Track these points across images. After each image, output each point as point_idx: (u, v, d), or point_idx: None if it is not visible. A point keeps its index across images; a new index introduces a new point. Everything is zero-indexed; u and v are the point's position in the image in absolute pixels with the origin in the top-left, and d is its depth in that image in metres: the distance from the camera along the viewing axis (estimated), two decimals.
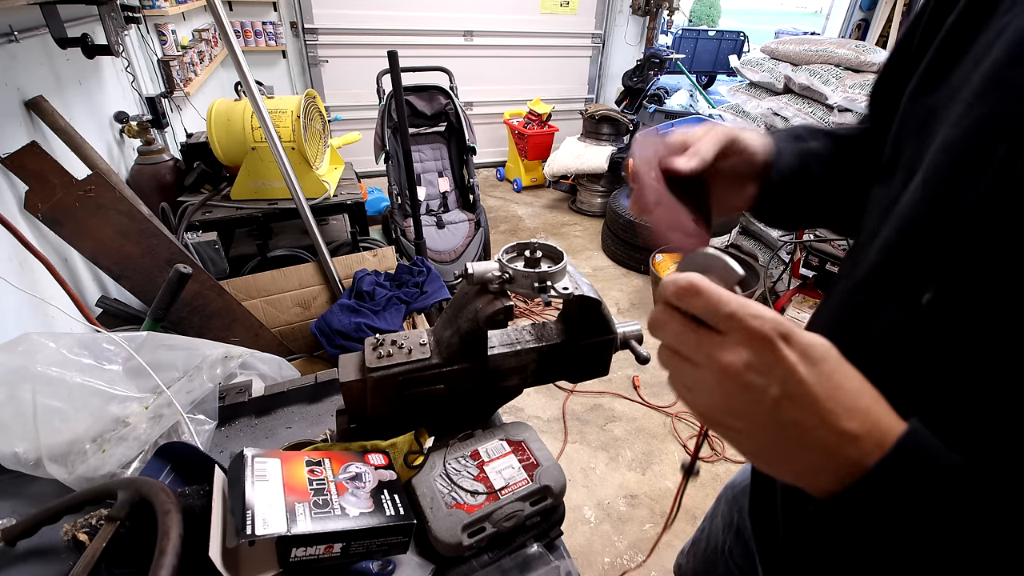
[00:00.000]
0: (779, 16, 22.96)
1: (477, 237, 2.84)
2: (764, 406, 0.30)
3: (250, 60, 2.89)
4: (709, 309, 0.32)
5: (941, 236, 0.37)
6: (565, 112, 4.92)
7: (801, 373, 0.30)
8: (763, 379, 0.30)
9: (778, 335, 0.30)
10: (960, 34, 0.41)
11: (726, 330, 0.31)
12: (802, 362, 0.30)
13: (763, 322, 0.30)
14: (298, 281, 1.64)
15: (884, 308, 0.42)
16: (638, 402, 2.25)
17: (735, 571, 0.77)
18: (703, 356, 0.32)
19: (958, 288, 0.35)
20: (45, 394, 0.68)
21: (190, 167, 1.88)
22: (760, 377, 0.30)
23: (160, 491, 0.53)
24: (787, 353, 0.30)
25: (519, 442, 0.72)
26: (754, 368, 0.30)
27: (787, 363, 0.30)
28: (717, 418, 0.33)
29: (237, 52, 1.40)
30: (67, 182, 1.13)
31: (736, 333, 0.31)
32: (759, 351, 0.30)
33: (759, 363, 0.30)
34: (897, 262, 0.41)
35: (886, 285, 0.42)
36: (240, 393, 0.88)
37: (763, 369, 0.30)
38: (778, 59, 3.34)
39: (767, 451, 0.32)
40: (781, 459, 0.32)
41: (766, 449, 0.32)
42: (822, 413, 0.30)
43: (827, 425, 0.30)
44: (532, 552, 0.64)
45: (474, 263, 0.62)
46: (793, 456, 0.31)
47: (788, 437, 0.31)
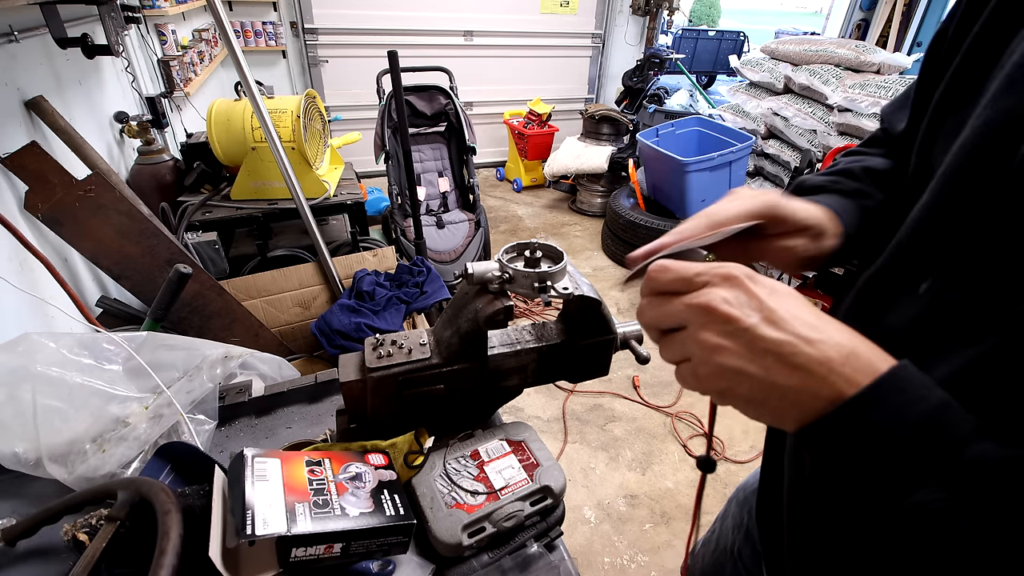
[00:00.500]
0: (779, 16, 22.96)
1: (477, 237, 2.84)
2: (748, 335, 0.32)
3: (250, 60, 2.90)
4: (680, 277, 0.35)
5: (946, 229, 0.38)
6: (565, 112, 4.92)
7: (772, 302, 0.33)
8: (739, 309, 0.33)
9: (744, 276, 0.34)
10: (986, 44, 0.41)
11: (698, 284, 0.35)
12: (769, 295, 0.33)
13: (728, 266, 0.35)
14: (298, 281, 1.64)
15: (890, 301, 0.42)
16: (638, 402, 2.25)
17: (743, 572, 0.77)
18: (684, 308, 0.35)
19: (956, 277, 0.36)
20: (45, 394, 0.68)
21: (190, 167, 1.88)
22: (736, 308, 0.33)
23: (160, 491, 0.53)
24: (755, 288, 0.34)
25: (519, 442, 0.72)
26: (729, 301, 0.33)
27: (758, 295, 0.33)
28: (715, 368, 0.34)
29: (237, 52, 1.40)
30: (67, 182, 1.13)
31: (707, 280, 0.35)
32: (731, 288, 0.34)
33: (733, 297, 0.33)
34: (903, 257, 0.42)
35: (892, 279, 0.43)
36: (240, 393, 0.88)
37: (738, 301, 0.33)
38: (778, 59, 3.34)
39: (759, 386, 0.33)
40: (771, 390, 0.33)
41: (758, 384, 0.33)
42: (799, 332, 0.32)
43: (807, 342, 0.31)
44: (532, 552, 0.64)
45: (474, 263, 0.62)
46: (783, 386, 0.32)
47: (774, 364, 0.32)
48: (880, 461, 0.30)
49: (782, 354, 0.32)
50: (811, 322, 0.32)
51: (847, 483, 0.33)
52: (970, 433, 0.29)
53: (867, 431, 0.30)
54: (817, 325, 0.32)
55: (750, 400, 0.34)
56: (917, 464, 0.29)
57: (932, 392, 0.30)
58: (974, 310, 0.35)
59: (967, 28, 0.42)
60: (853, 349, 0.32)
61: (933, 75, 0.48)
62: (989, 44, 0.40)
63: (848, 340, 0.32)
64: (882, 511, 0.31)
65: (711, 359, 0.34)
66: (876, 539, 0.36)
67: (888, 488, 0.30)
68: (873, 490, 0.31)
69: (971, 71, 0.41)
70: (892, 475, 0.30)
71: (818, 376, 0.31)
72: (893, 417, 0.30)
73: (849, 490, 0.33)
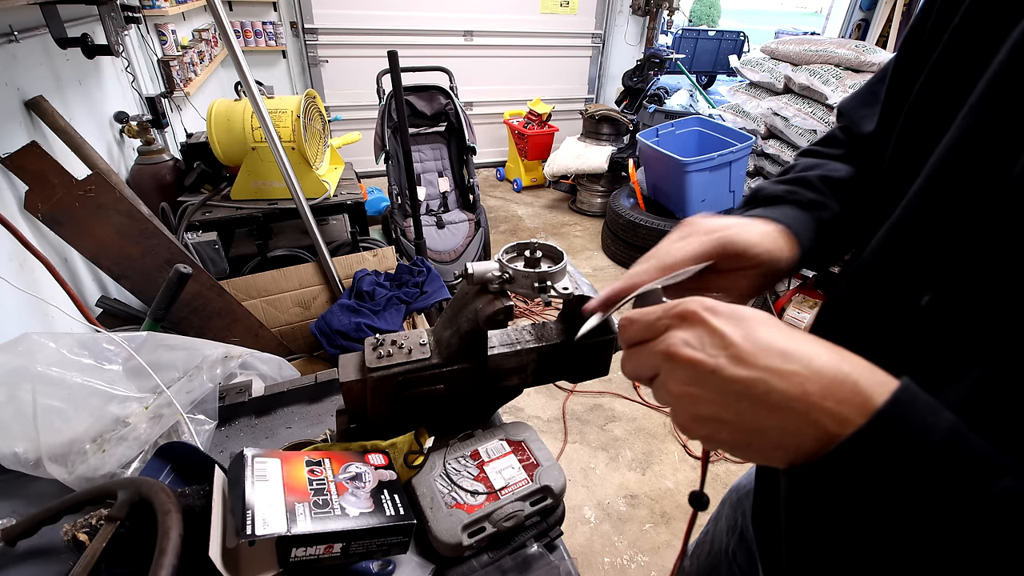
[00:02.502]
0: (779, 16, 22.96)
1: (477, 237, 2.84)
2: (715, 379, 0.30)
3: (250, 60, 2.90)
4: (645, 326, 0.34)
5: (941, 239, 0.37)
6: (565, 112, 4.92)
7: (736, 335, 0.30)
8: (702, 351, 0.31)
9: (702, 308, 0.32)
10: (966, 38, 0.39)
11: (660, 329, 0.33)
12: (731, 326, 0.31)
13: (687, 303, 0.33)
14: (298, 281, 1.64)
15: (883, 311, 0.41)
16: (638, 402, 2.25)
17: (737, 573, 0.77)
18: (651, 357, 0.34)
19: (958, 290, 0.35)
20: (45, 394, 0.68)
21: (190, 167, 1.88)
22: (698, 350, 0.31)
23: (160, 491, 0.53)
24: (714, 321, 0.31)
25: (519, 442, 0.72)
26: (690, 343, 0.31)
27: (720, 330, 0.31)
28: (690, 417, 0.32)
29: (237, 52, 1.40)
30: (67, 182, 1.13)
31: (667, 323, 0.33)
32: (689, 327, 0.32)
33: (694, 337, 0.31)
34: (895, 265, 0.41)
35: (884, 288, 0.42)
36: (240, 393, 0.88)
37: (698, 341, 0.31)
38: (778, 59, 3.34)
39: (739, 432, 0.30)
40: (752, 435, 0.30)
41: (737, 429, 0.30)
42: (770, 365, 0.29)
43: (780, 375, 0.28)
44: (532, 552, 0.64)
45: (474, 263, 0.62)
46: (763, 428, 0.29)
47: (748, 408, 0.29)
48: (884, 503, 0.27)
49: (755, 395, 0.29)
50: (783, 349, 0.29)
51: (847, 522, 0.30)
52: (989, 465, 0.26)
53: (866, 473, 0.27)
54: (790, 352, 0.29)
55: (734, 445, 0.31)
56: (929, 503, 0.26)
57: (939, 418, 0.27)
58: (980, 325, 0.33)
59: (946, 22, 0.41)
60: (834, 376, 0.28)
61: (909, 71, 0.46)
62: (970, 38, 0.39)
63: (828, 364, 0.28)
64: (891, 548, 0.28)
65: (684, 409, 0.32)
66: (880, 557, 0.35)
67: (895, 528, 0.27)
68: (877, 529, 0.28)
69: (952, 66, 0.40)
70: (898, 515, 0.27)
71: (798, 413, 0.28)
72: (896, 455, 0.26)
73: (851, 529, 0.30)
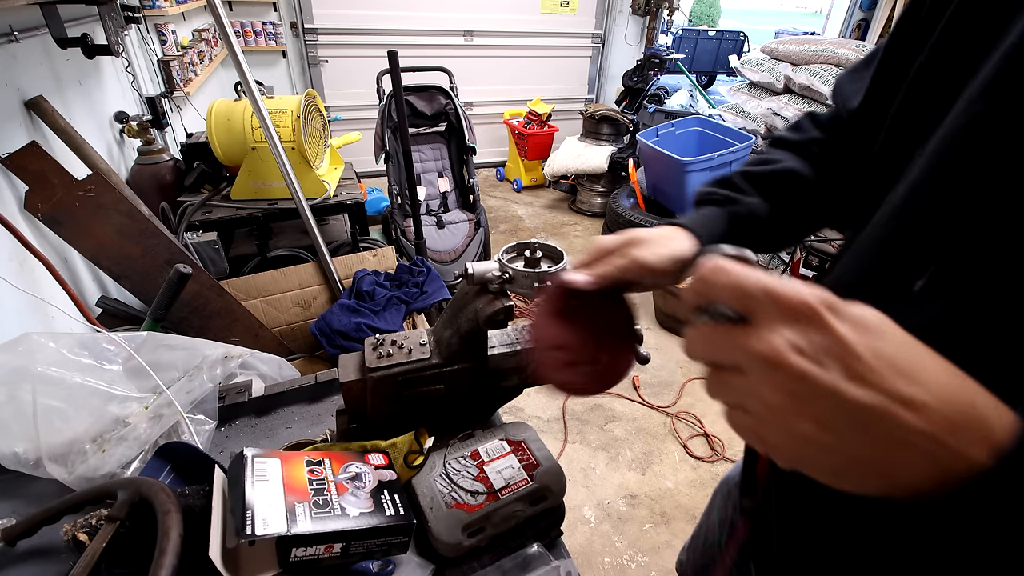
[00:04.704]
0: (779, 16, 22.95)
1: (477, 237, 2.84)
2: (830, 398, 0.25)
3: (250, 60, 2.89)
4: (740, 288, 0.27)
5: (939, 224, 0.35)
6: (565, 112, 4.92)
7: (858, 345, 0.25)
8: (816, 362, 0.25)
9: (823, 305, 0.25)
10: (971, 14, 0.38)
11: (762, 311, 0.26)
12: (858, 334, 0.25)
13: (803, 294, 0.26)
14: (298, 281, 1.64)
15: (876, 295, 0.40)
16: (638, 402, 2.25)
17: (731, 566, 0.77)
18: (741, 352, 0.27)
19: (951, 274, 0.34)
20: (45, 394, 0.68)
21: (190, 167, 1.88)
22: (812, 361, 0.25)
23: (160, 491, 0.53)
24: (837, 325, 0.25)
25: (519, 442, 0.72)
26: (802, 350, 0.25)
27: (840, 336, 0.25)
28: (786, 435, 0.27)
29: (237, 52, 1.40)
30: (67, 182, 1.13)
31: (774, 311, 0.26)
32: (804, 328, 0.25)
33: (807, 342, 0.25)
34: (892, 252, 0.40)
35: (881, 273, 0.41)
36: (240, 393, 0.88)
37: (813, 348, 0.25)
38: (778, 59, 3.34)
39: (843, 459, 0.26)
40: (859, 464, 0.26)
41: (842, 456, 0.26)
42: (895, 389, 0.24)
43: (906, 405, 0.24)
44: (532, 552, 0.64)
45: (474, 263, 0.62)
46: (874, 459, 0.25)
47: (870, 433, 0.25)
48: (1003, 539, 0.25)
49: (875, 424, 0.24)
50: (910, 369, 0.25)
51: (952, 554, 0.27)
52: None
53: (986, 511, 0.25)
54: (916, 375, 0.25)
55: (833, 471, 0.27)
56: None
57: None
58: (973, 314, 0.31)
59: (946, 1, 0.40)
60: (962, 410, 0.24)
61: (907, 46, 0.45)
62: (973, 18, 0.38)
63: (956, 394, 0.25)
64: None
65: (779, 424, 0.26)
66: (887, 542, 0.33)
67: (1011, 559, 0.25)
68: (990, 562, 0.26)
69: (956, 43, 0.38)
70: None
71: (920, 449, 0.24)
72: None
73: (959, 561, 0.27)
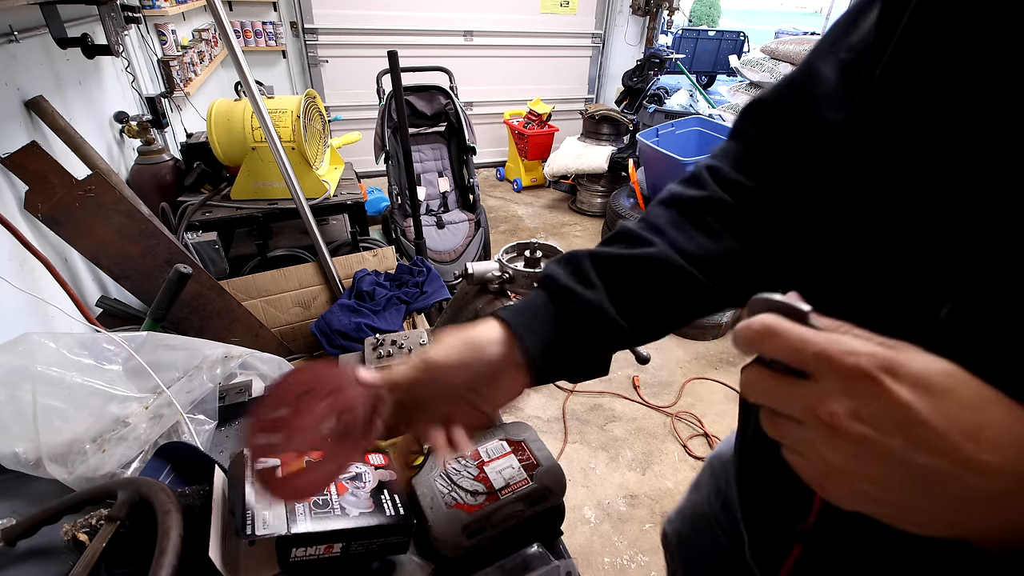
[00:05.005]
0: (779, 16, 22.93)
1: (477, 237, 2.84)
2: (893, 464, 0.25)
3: (250, 60, 2.90)
4: (793, 351, 0.26)
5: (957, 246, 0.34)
6: (565, 112, 4.91)
7: (923, 413, 0.24)
8: (877, 429, 0.25)
9: (880, 369, 0.24)
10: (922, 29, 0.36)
11: (818, 374, 0.26)
12: (920, 397, 0.24)
13: (859, 357, 0.25)
14: (298, 281, 1.64)
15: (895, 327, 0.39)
16: (638, 402, 2.25)
17: (721, 536, 0.81)
18: (801, 410, 0.27)
19: (977, 299, 0.32)
20: (45, 394, 0.68)
21: (190, 167, 1.88)
22: (872, 427, 0.25)
23: (160, 491, 0.53)
24: (897, 390, 0.24)
25: (519, 442, 0.72)
26: (862, 417, 0.25)
27: (900, 402, 0.24)
28: (848, 491, 0.27)
29: (237, 52, 1.40)
30: (67, 182, 1.13)
31: (830, 375, 0.25)
32: (862, 394, 0.25)
33: (866, 410, 0.25)
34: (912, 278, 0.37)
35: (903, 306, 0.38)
36: (240, 393, 0.88)
37: (873, 417, 0.25)
38: (778, 59, 3.34)
39: (904, 510, 0.26)
40: (922, 515, 0.26)
41: (904, 509, 0.26)
42: (961, 454, 0.24)
43: (974, 470, 0.24)
44: (532, 552, 0.64)
45: (474, 263, 0.62)
46: (939, 515, 0.25)
47: (936, 494, 0.25)
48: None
49: (937, 488, 0.24)
50: (976, 430, 0.24)
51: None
52: None
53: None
54: (983, 434, 0.24)
55: (892, 518, 0.27)
56: None
57: None
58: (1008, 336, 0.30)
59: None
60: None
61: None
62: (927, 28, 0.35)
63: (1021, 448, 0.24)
64: None
65: (840, 482, 0.27)
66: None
67: None
68: None
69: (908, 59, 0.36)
70: None
71: (988, 508, 0.24)
72: None
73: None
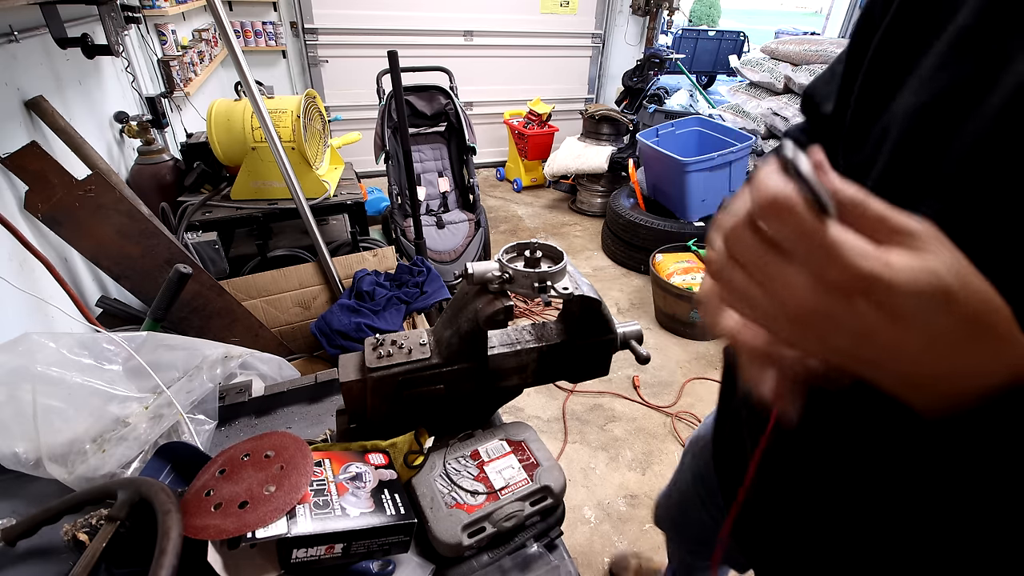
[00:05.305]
0: (779, 16, 22.94)
1: (477, 237, 2.84)
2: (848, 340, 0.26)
3: (250, 60, 2.90)
4: (801, 236, 0.25)
5: (912, 200, 0.35)
6: (565, 112, 4.92)
7: (883, 335, 0.25)
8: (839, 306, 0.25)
9: (860, 292, 0.25)
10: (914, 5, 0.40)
11: (805, 260, 0.26)
12: (890, 324, 0.25)
13: (854, 270, 0.24)
14: (298, 281, 1.64)
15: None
16: (638, 402, 2.25)
17: (706, 517, 0.86)
18: (813, 240, 0.25)
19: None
20: (45, 394, 0.68)
21: (190, 167, 1.88)
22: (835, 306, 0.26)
23: (160, 491, 0.53)
24: (867, 312, 0.25)
25: (519, 442, 0.72)
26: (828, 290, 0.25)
27: (867, 320, 0.25)
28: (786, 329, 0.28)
29: (237, 52, 1.40)
30: (67, 182, 1.13)
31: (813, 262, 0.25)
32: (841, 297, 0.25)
33: (840, 312, 0.25)
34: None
35: None
36: (240, 393, 0.88)
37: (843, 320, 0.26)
38: (778, 59, 3.34)
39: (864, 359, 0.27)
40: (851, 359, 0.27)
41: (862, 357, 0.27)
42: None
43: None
44: (532, 552, 0.64)
45: (474, 263, 0.62)
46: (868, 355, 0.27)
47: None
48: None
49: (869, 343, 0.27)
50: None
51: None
52: None
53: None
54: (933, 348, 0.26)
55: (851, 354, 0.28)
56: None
57: None
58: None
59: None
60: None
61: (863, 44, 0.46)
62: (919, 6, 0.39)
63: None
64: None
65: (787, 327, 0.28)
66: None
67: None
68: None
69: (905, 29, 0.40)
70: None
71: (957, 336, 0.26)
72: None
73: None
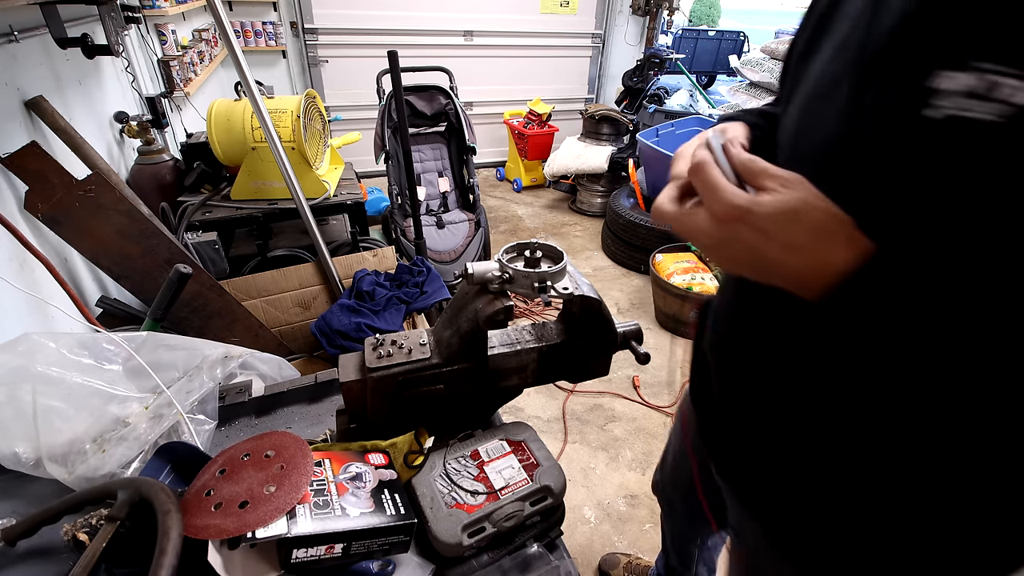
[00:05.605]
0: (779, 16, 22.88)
1: (477, 237, 2.84)
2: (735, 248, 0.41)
3: (250, 60, 2.90)
4: (704, 187, 0.41)
5: (806, 159, 0.46)
6: (565, 112, 4.91)
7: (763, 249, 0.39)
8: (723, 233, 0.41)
9: (734, 220, 0.39)
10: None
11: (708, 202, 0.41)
12: (760, 240, 0.38)
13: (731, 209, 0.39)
14: (298, 281, 1.64)
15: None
16: (638, 402, 2.25)
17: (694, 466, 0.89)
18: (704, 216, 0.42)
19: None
20: (45, 394, 0.68)
21: (190, 167, 1.88)
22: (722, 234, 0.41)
23: (160, 491, 0.53)
24: (745, 233, 0.39)
25: (519, 442, 0.72)
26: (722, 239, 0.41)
27: (744, 243, 0.39)
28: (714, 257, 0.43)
29: (237, 52, 1.40)
30: (67, 182, 1.13)
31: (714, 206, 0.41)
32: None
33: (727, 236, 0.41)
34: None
35: None
36: (240, 393, 0.88)
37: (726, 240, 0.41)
38: (778, 59, 3.34)
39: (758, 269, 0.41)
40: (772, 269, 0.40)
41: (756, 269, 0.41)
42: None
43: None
44: (532, 552, 0.64)
45: (474, 263, 0.62)
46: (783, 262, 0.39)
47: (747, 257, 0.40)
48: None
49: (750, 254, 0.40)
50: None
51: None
52: None
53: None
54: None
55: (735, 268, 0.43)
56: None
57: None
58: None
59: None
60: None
61: (799, 36, 0.59)
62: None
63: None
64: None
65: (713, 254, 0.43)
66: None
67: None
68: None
69: (823, 22, 0.50)
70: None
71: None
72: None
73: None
